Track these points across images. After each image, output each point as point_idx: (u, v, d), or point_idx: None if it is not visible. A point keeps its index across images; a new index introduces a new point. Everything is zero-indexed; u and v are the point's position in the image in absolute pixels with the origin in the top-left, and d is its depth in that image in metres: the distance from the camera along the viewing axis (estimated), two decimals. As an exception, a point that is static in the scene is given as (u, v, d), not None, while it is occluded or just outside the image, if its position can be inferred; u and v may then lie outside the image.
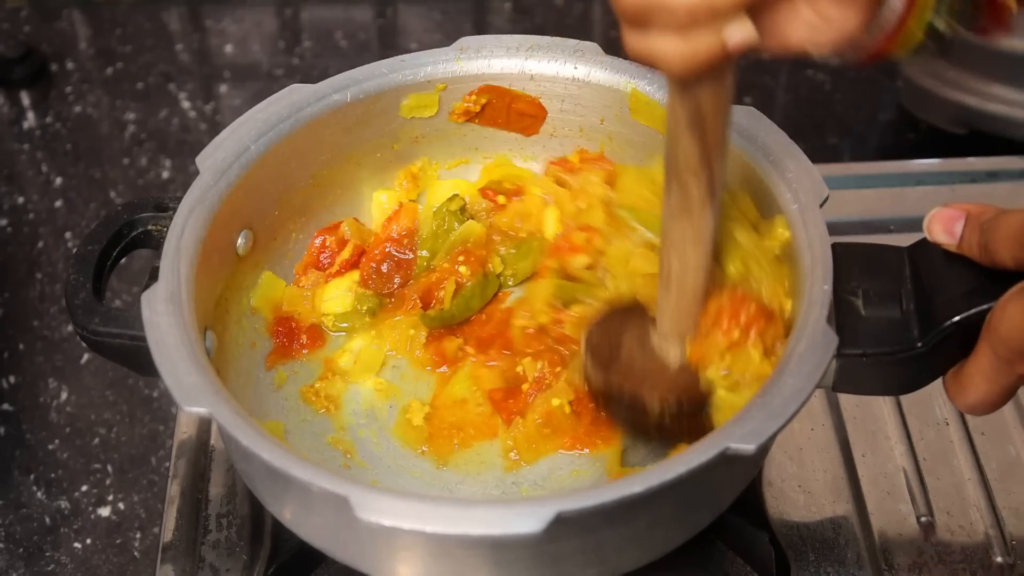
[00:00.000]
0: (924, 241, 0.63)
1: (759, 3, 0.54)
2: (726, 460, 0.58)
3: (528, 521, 0.55)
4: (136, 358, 0.65)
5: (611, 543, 0.63)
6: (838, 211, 0.87)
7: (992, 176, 0.97)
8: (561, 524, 0.55)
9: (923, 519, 0.76)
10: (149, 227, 0.71)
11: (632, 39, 0.55)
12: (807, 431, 0.80)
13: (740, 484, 0.68)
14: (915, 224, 0.65)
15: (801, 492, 0.77)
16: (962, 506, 0.76)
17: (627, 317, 0.72)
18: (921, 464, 0.78)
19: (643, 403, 0.68)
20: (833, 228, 0.66)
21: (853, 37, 0.55)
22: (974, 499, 0.77)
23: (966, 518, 0.76)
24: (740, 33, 0.53)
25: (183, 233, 0.68)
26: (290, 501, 0.66)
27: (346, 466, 0.72)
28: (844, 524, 0.75)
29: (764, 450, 0.62)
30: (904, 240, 0.66)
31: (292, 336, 0.77)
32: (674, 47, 0.54)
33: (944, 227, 0.61)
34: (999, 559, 0.74)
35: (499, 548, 0.61)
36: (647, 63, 0.55)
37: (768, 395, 0.60)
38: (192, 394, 0.61)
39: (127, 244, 0.71)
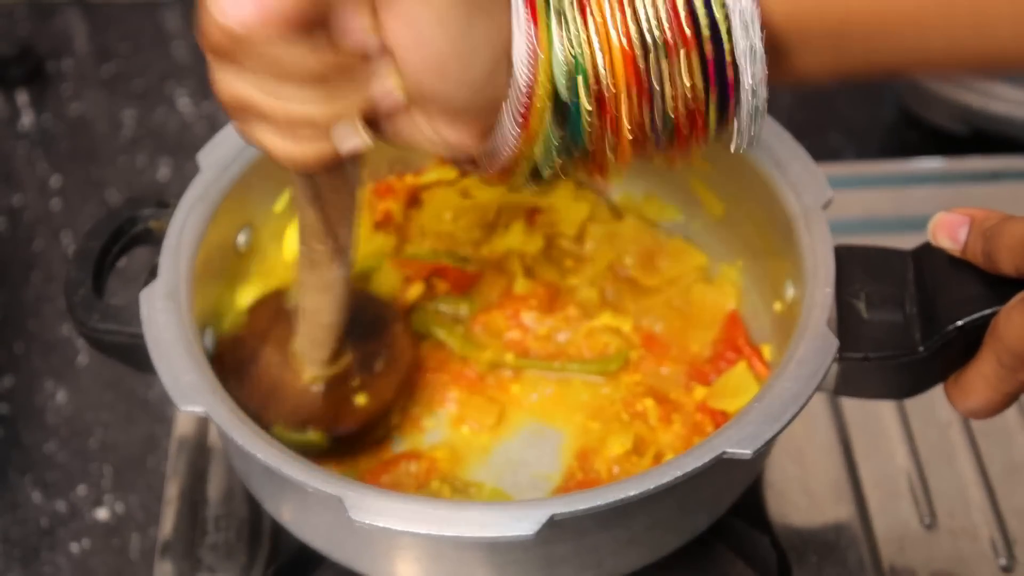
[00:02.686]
0: (928, 245, 0.62)
1: (372, 112, 0.52)
2: (723, 464, 0.57)
3: (522, 524, 0.55)
4: (135, 356, 0.65)
5: (607, 546, 0.63)
6: (840, 211, 0.86)
7: (995, 176, 0.97)
8: (555, 527, 0.55)
9: (925, 521, 0.75)
10: (150, 224, 0.71)
11: (244, 126, 0.52)
12: (808, 433, 0.79)
13: (739, 488, 0.68)
14: (917, 224, 0.65)
15: (802, 494, 0.77)
16: (965, 508, 0.76)
17: (277, 314, 0.71)
18: (923, 466, 0.78)
19: (259, 417, 0.66)
20: (835, 228, 0.66)
21: (470, 158, 0.54)
22: (977, 501, 0.76)
23: (969, 520, 0.75)
24: (351, 140, 0.51)
25: (183, 230, 0.68)
26: (286, 501, 0.66)
27: None
28: (846, 526, 0.75)
29: (762, 454, 0.61)
30: (906, 240, 0.66)
31: None
32: (280, 145, 0.51)
33: (948, 233, 0.61)
34: (1002, 561, 0.73)
35: (494, 550, 0.61)
36: (260, 150, 0.52)
37: (767, 399, 0.59)
38: (188, 393, 0.60)
39: (128, 241, 0.71)
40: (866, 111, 1.13)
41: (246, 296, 0.75)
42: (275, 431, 0.67)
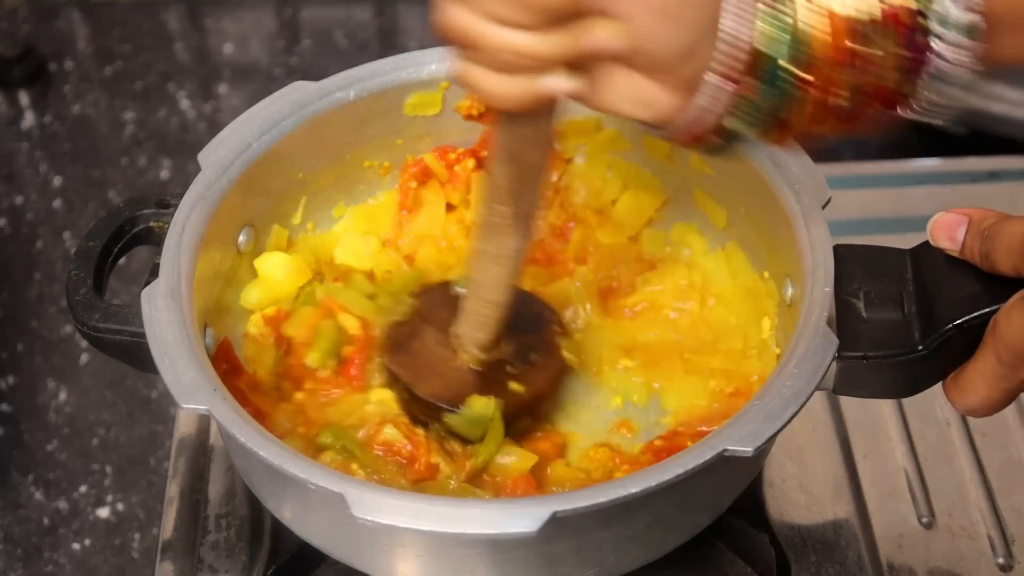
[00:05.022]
0: (927, 244, 0.63)
1: (578, 64, 0.56)
2: (724, 462, 0.57)
3: (524, 521, 0.55)
4: (136, 355, 0.65)
5: (609, 543, 0.63)
6: (839, 211, 0.86)
7: (993, 176, 0.97)
8: (557, 524, 0.55)
9: (924, 520, 0.76)
10: (151, 223, 0.71)
11: (457, 63, 0.56)
12: (808, 431, 0.80)
13: (739, 486, 0.68)
14: (916, 224, 0.65)
15: (802, 493, 0.77)
16: (963, 507, 0.76)
17: (442, 301, 0.74)
18: (922, 465, 0.78)
19: (413, 389, 0.70)
20: (834, 228, 0.66)
21: (666, 119, 0.58)
22: (975, 500, 0.76)
23: (967, 519, 0.76)
24: (559, 85, 0.56)
25: (184, 230, 0.68)
26: (288, 499, 0.66)
27: None
28: (845, 525, 0.75)
29: (762, 452, 0.61)
30: (905, 240, 0.66)
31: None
32: (494, 82, 0.56)
33: (946, 233, 0.61)
34: (1000, 560, 0.74)
35: (496, 547, 0.61)
36: (468, 89, 0.57)
37: (767, 397, 0.59)
38: (190, 391, 0.60)
39: (129, 240, 0.71)
40: (865, 111, 1.13)
41: (247, 296, 0.75)
42: (444, 417, 0.69)
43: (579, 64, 0.56)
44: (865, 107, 0.57)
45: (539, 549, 0.61)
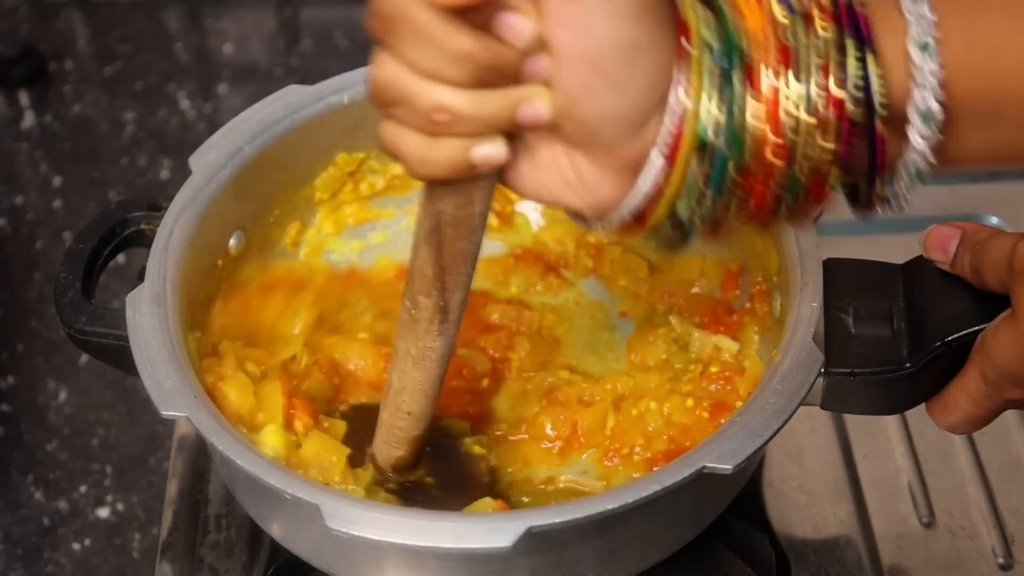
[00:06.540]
0: (920, 258, 0.63)
1: (512, 131, 0.50)
2: (704, 479, 0.57)
3: (498, 536, 0.55)
4: (123, 358, 0.65)
5: (588, 558, 0.63)
6: (837, 211, 0.86)
7: (993, 176, 0.97)
8: (533, 539, 0.55)
9: (924, 520, 0.76)
10: (142, 226, 0.71)
11: (382, 125, 0.51)
12: (808, 431, 0.80)
13: (723, 502, 0.68)
14: (916, 224, 0.65)
15: (802, 493, 0.77)
16: (963, 507, 0.76)
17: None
18: (922, 465, 0.78)
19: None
20: (834, 228, 0.66)
21: (603, 207, 0.52)
22: (975, 500, 0.76)
23: (967, 519, 0.76)
24: (488, 148, 0.49)
25: (171, 234, 0.68)
26: (267, 507, 0.66)
27: None
28: (845, 525, 0.75)
29: (744, 469, 0.60)
30: (903, 239, 0.66)
31: None
32: (416, 146, 0.49)
33: (938, 245, 0.61)
34: (1000, 560, 0.74)
35: (474, 560, 0.61)
36: (392, 155, 0.51)
37: (749, 413, 0.59)
38: (170, 397, 0.60)
39: (119, 243, 0.71)
40: (865, 111, 1.13)
41: (243, 298, 0.75)
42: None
43: (515, 135, 0.50)
44: (807, 203, 0.51)
45: (517, 563, 0.61)
